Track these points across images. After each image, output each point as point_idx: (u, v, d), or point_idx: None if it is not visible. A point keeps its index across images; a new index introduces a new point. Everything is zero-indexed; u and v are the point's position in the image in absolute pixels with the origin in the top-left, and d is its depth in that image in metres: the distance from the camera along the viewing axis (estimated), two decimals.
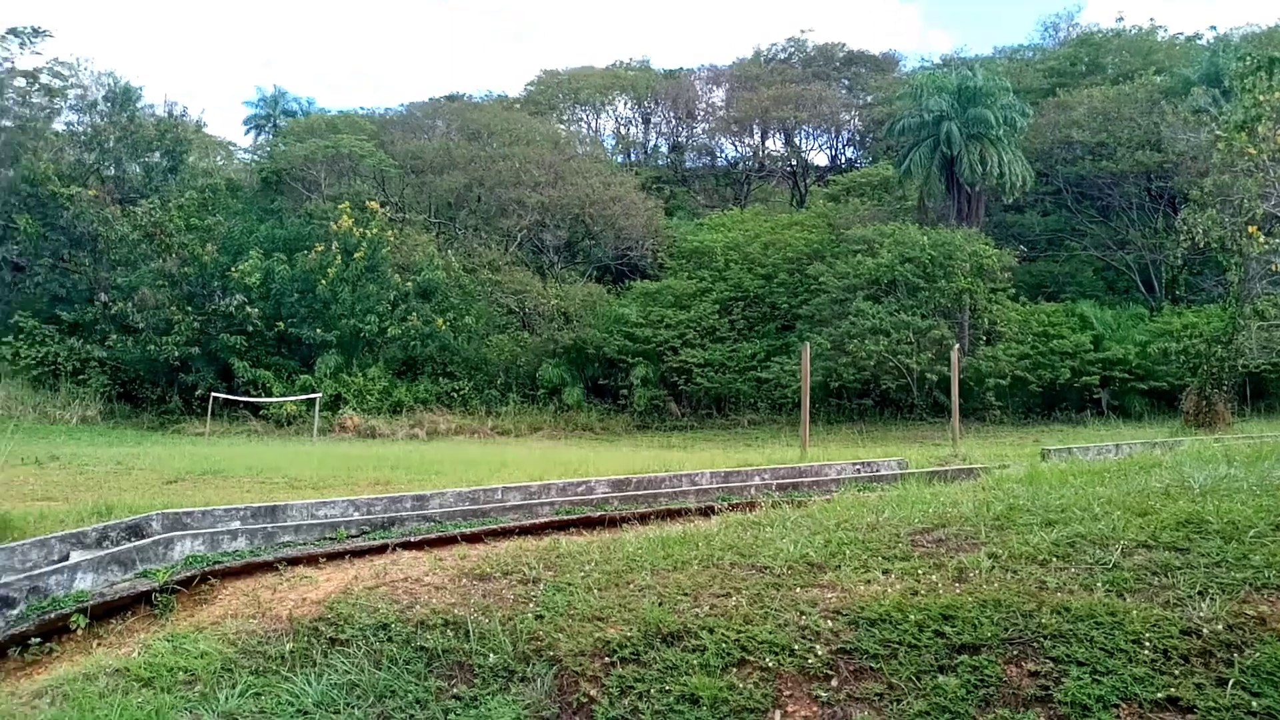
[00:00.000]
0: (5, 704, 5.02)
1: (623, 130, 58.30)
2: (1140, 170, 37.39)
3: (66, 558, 7.36)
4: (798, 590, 4.93)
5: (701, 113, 56.95)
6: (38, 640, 6.04)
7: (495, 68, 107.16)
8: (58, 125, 39.27)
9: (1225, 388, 24.69)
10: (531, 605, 5.32)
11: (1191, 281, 38.05)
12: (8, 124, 36.49)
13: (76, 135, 39.12)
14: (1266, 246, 22.13)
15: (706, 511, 8.93)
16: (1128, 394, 33.08)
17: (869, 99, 53.80)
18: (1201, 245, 24.38)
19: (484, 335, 38.68)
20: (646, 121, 58.14)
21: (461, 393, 36.96)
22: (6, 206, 34.46)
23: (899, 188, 42.09)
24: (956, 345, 20.96)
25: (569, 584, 5.54)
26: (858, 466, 12.68)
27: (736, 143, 56.07)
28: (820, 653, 4.23)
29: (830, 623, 4.45)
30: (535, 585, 5.67)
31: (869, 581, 4.88)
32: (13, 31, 36.10)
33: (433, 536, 7.50)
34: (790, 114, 50.59)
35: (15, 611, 6.20)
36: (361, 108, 55.97)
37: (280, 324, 34.05)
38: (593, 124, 58.04)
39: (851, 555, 5.39)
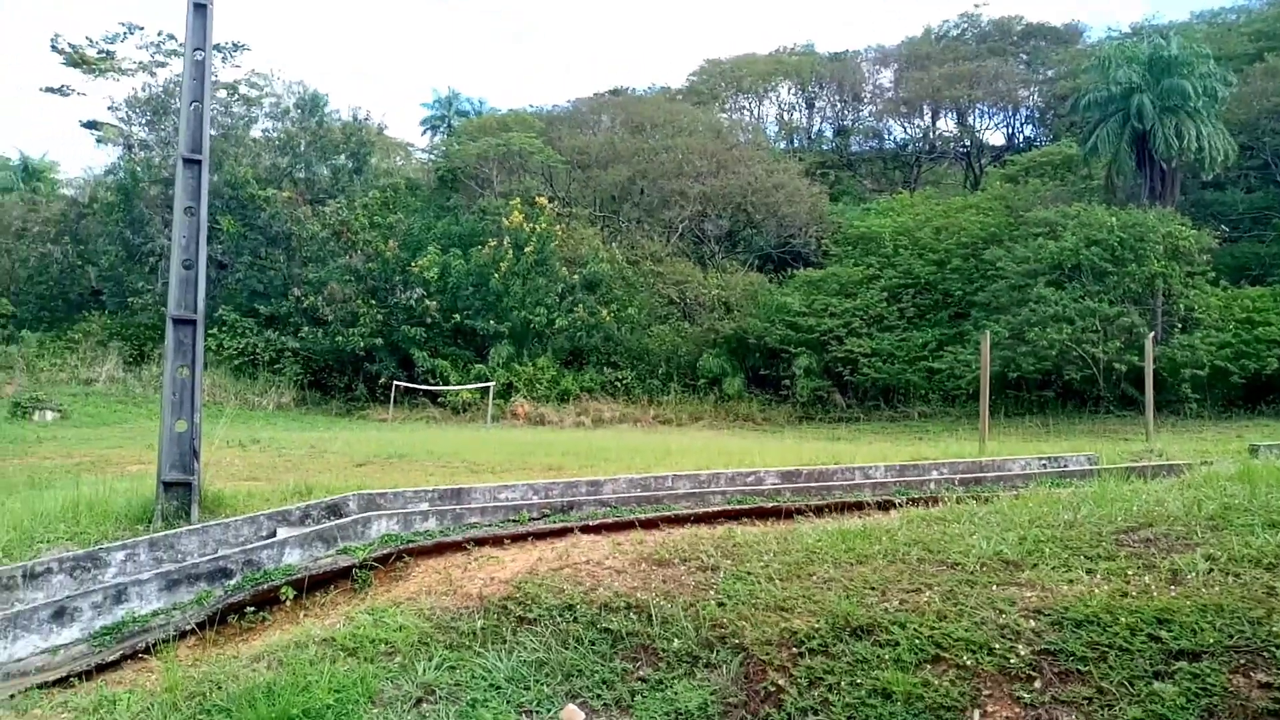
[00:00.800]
0: (230, 665, 5.43)
1: (785, 116, 57.49)
2: None
3: (274, 534, 7.90)
4: (994, 588, 4.70)
5: (868, 95, 55.41)
6: (252, 609, 6.51)
7: (658, 60, 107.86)
8: (255, 132, 42.36)
9: None
10: (712, 592, 5.31)
11: None
12: (214, 132, 39.69)
13: (271, 141, 42.04)
14: None
15: (884, 506, 8.68)
16: None
17: (1049, 73, 50.71)
18: None
19: (646, 326, 39.10)
20: (810, 106, 57.10)
21: (625, 382, 37.51)
22: (212, 209, 37.45)
23: (1083, 166, 39.50)
24: (1150, 334, 19.51)
25: (749, 573, 5.50)
26: (1044, 462, 12.04)
27: (905, 124, 54.30)
28: (1022, 652, 4.01)
29: (1031, 622, 4.21)
30: (714, 573, 5.66)
31: (1071, 581, 4.60)
32: (216, 47, 39.24)
33: (609, 521, 7.62)
34: (964, 93, 48.43)
35: (233, 582, 6.70)
36: (530, 106, 57.66)
37: (456, 316, 35.50)
38: (755, 111, 57.58)
39: (1050, 553, 5.10)
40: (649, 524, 7.55)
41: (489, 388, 32.85)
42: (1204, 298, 31.99)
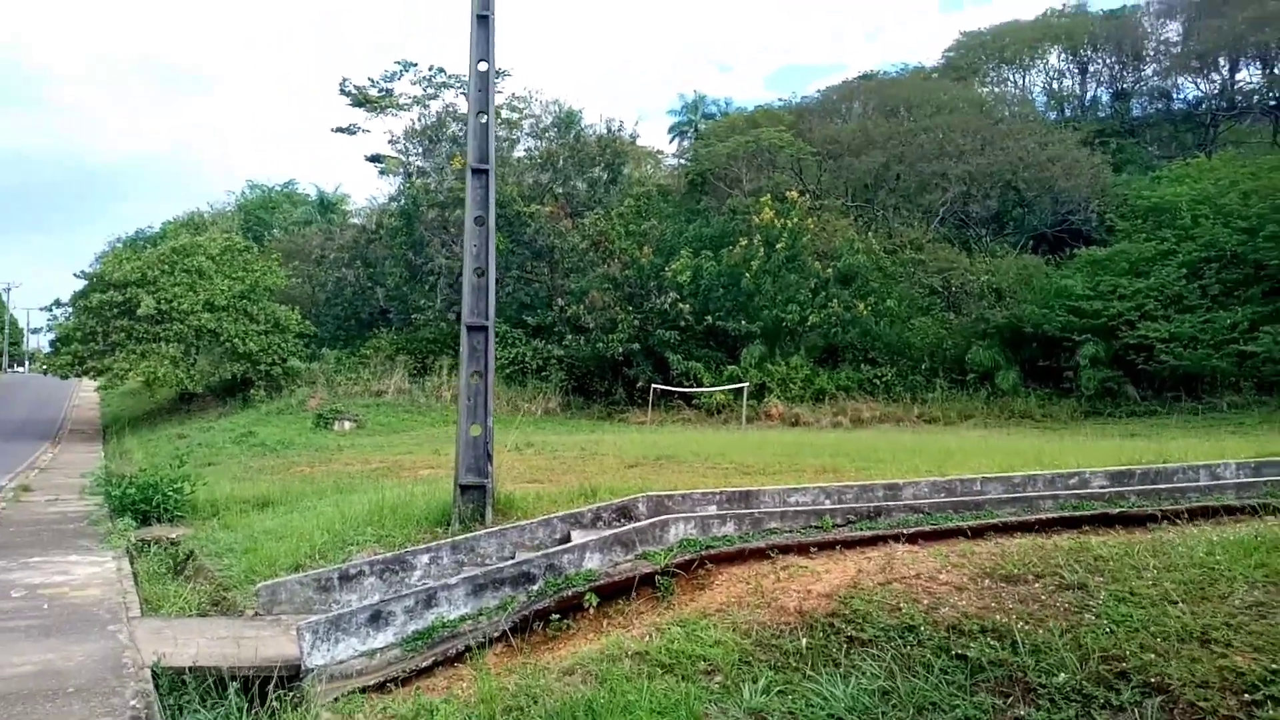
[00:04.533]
0: (541, 679, 5.20)
1: (1054, 85, 53.01)
2: None
3: (568, 536, 7.76)
4: None
5: (1152, 53, 49.90)
6: (557, 616, 6.32)
7: (911, 40, 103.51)
8: (518, 152, 44.60)
9: None
10: (1090, 616, 4.44)
11: None
12: None
13: (533, 159, 44.13)
14: None
15: (1254, 510, 7.27)
16: None
17: None
18: None
19: (906, 319, 37.26)
20: (1083, 72, 52.24)
21: (884, 379, 35.88)
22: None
23: None
24: None
25: (1133, 594, 4.58)
26: None
27: (1198, 81, 48.35)
28: None
29: None
30: (1083, 592, 4.77)
31: None
32: None
33: (927, 529, 6.84)
34: (1272, 38, 42.41)
35: (535, 587, 6.56)
36: (779, 99, 56.82)
37: (708, 318, 35.50)
38: (1020, 83, 53.53)
39: None
40: (976, 533, 6.68)
41: (743, 388, 32.49)
42: None
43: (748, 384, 33.05)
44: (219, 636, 6.80)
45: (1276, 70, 46.03)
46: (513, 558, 7.30)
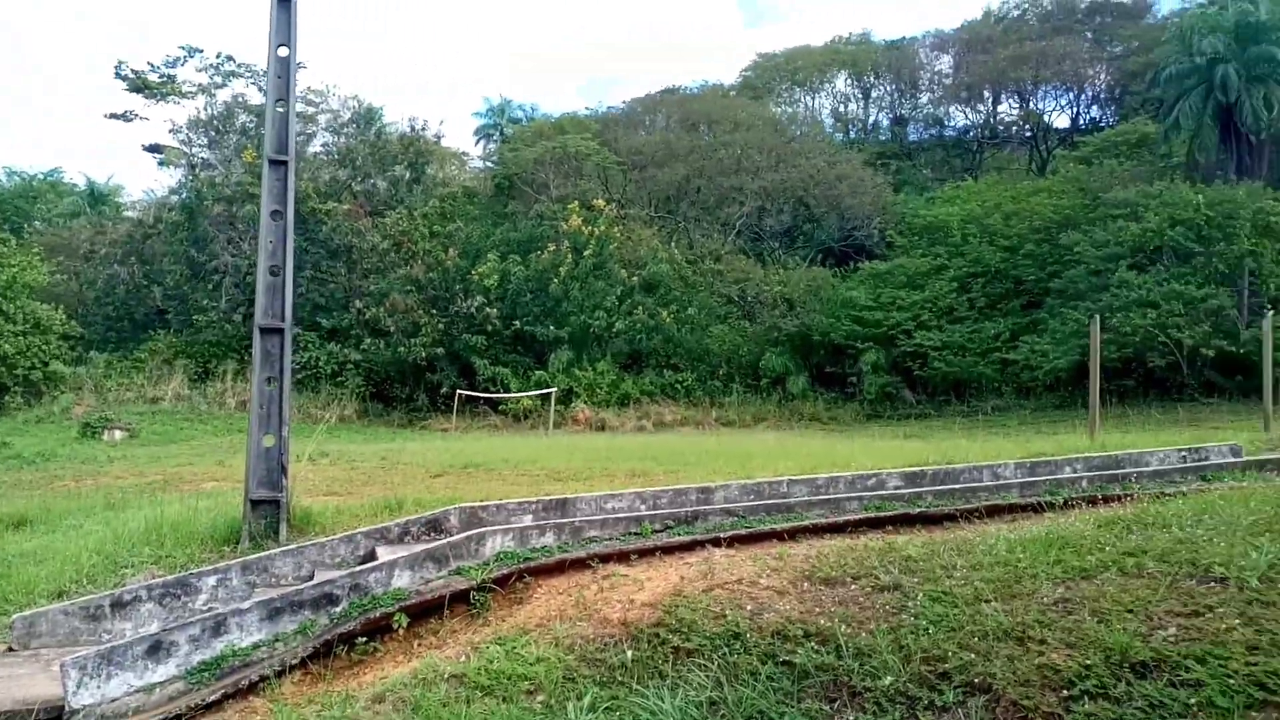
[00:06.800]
0: (346, 708, 4.81)
1: (841, 108, 56.37)
2: None
3: (373, 553, 7.32)
4: None
5: (926, 82, 54.05)
6: (363, 639, 5.90)
7: (711, 57, 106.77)
8: (314, 147, 42.40)
9: None
10: (909, 617, 4.54)
11: None
12: None
13: (331, 155, 42.09)
14: None
15: (1036, 507, 7.82)
16: None
17: (1118, 50, 48.89)
18: None
19: (706, 326, 38.40)
20: (866, 96, 55.86)
21: (685, 384, 36.83)
22: None
23: (1162, 144, 37.88)
24: (1270, 313, 18.22)
25: (948, 593, 4.72)
26: (1183, 454, 11.05)
27: (966, 110, 52.86)
28: None
29: None
30: (899, 593, 4.89)
31: None
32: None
33: (743, 533, 6.90)
34: (1027, 75, 46.92)
35: (339, 609, 6.11)
36: (585, 109, 57.17)
37: (516, 323, 35.15)
38: (809, 104, 56.46)
39: None
40: (788, 535, 6.80)
41: (550, 394, 32.37)
42: None
43: (555, 389, 32.96)
44: None
45: (1032, 105, 50.94)
46: (312, 578, 6.78)
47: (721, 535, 6.84)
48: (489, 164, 53.89)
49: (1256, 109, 31.35)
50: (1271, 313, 18.32)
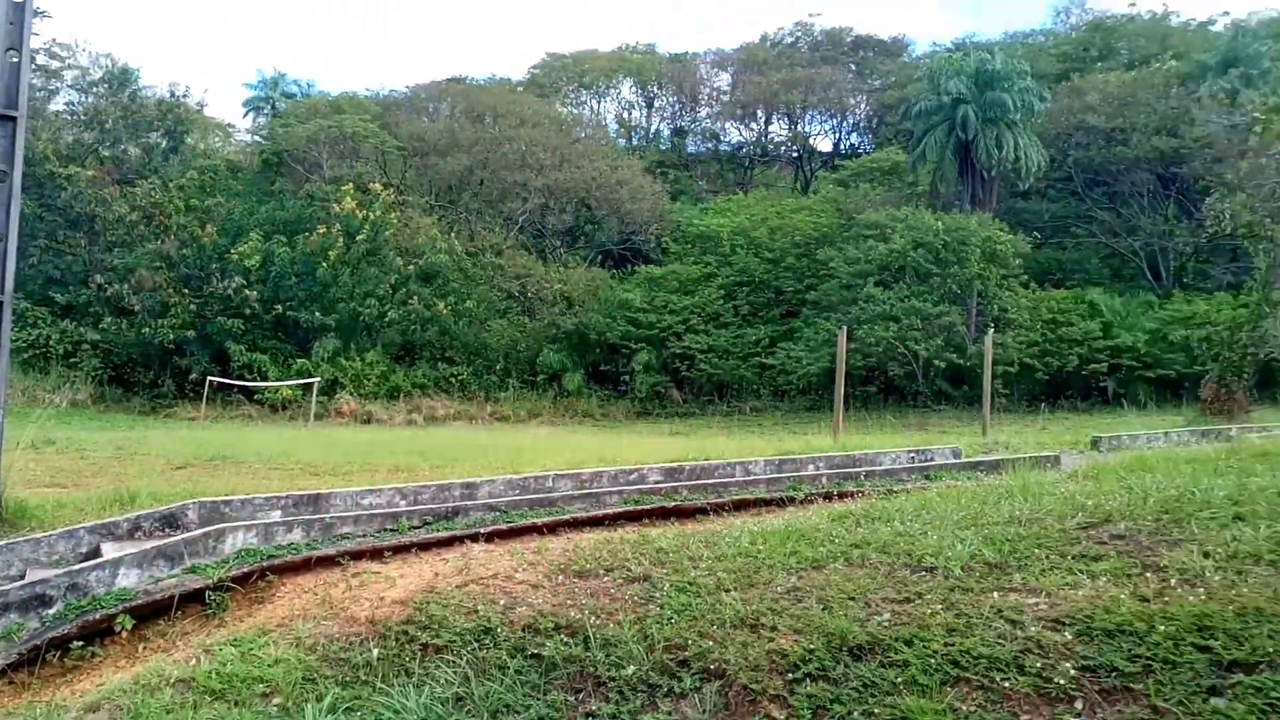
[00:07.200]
0: (55, 718, 4.37)
1: (625, 115, 57.54)
2: (1154, 156, 36.84)
3: (98, 551, 6.73)
4: (994, 595, 4.31)
5: (706, 97, 56.21)
6: (79, 644, 5.40)
7: (498, 51, 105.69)
8: (56, 105, 38.32)
9: (1245, 376, 24.20)
10: (655, 607, 4.70)
11: (1199, 269, 37.69)
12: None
13: (75, 115, 38.11)
14: None
15: (780, 502, 8.34)
16: (1134, 382, 32.71)
17: (877, 83, 53.06)
18: (1229, 231, 23.83)
19: (484, 320, 38.09)
20: (650, 105, 57.35)
21: (460, 378, 36.36)
22: None
23: (910, 173, 41.48)
24: (991, 330, 20.39)
25: (692, 584, 4.93)
26: (911, 454, 12.13)
27: (741, 128, 55.46)
28: (1061, 668, 3.61)
29: (1055, 634, 3.82)
30: (648, 584, 5.06)
31: (1074, 586, 4.26)
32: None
33: (503, 528, 6.90)
34: (797, 99, 49.90)
35: (52, 611, 5.57)
36: (366, 90, 54.85)
37: (278, 307, 33.36)
38: (595, 108, 57.21)
39: (1029, 554, 4.77)
40: (548, 529, 6.86)
41: (313, 384, 30.92)
42: (1016, 299, 34.16)
43: (318, 379, 31.49)
44: None
45: (800, 127, 54.25)
46: (23, 577, 6.11)
47: (481, 530, 6.81)
48: (258, 138, 50.76)
49: (989, 148, 35.02)
50: (993, 331, 20.50)
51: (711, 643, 4.19)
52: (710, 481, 9.57)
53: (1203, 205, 28.04)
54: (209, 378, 30.86)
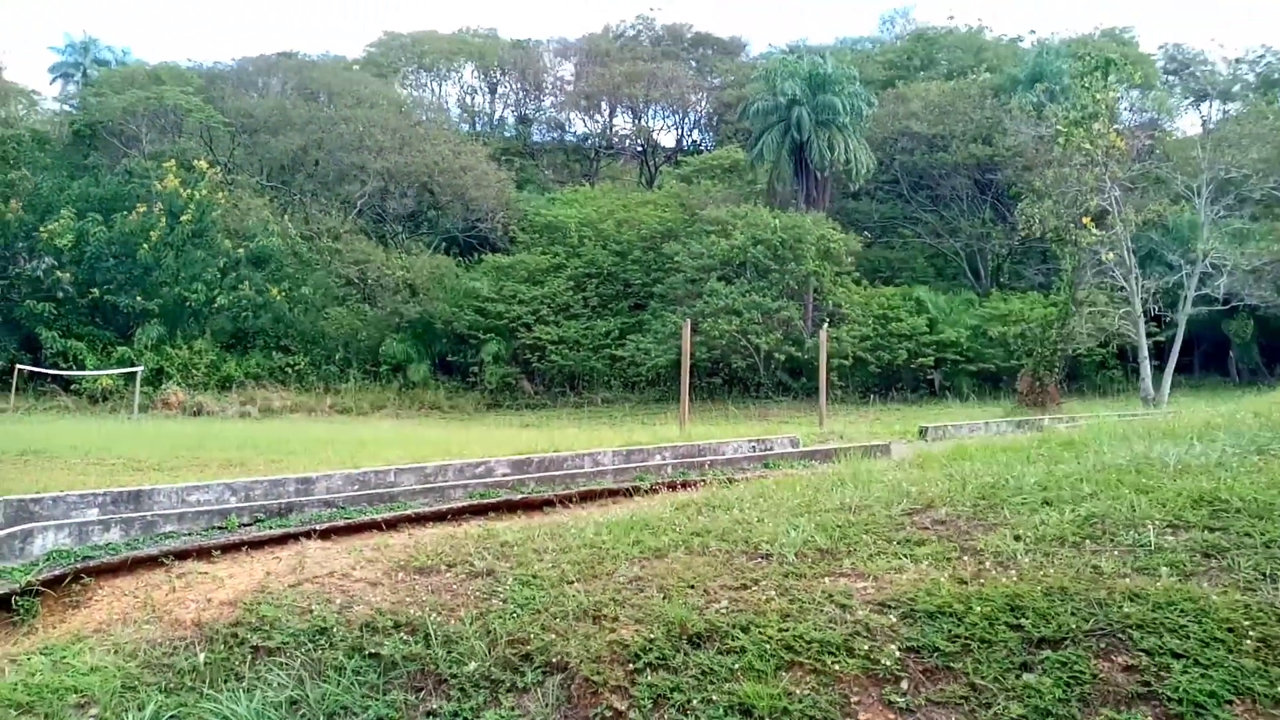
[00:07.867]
0: None
1: (468, 99, 56.41)
2: (972, 162, 39.32)
3: None
4: (825, 580, 4.53)
5: (550, 86, 55.82)
6: None
7: (332, 26, 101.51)
8: None
9: (1056, 370, 26.24)
10: (498, 602, 4.70)
11: (1014, 269, 40.52)
12: None
13: None
14: (1096, 238, 23.60)
15: (628, 492, 8.49)
16: (958, 375, 34.91)
17: (716, 81, 54.16)
18: (1038, 234, 25.66)
19: (322, 307, 36.75)
20: (493, 91, 56.40)
21: (297, 368, 35.00)
22: None
23: (749, 171, 42.62)
24: (826, 325, 21.32)
25: (536, 577, 4.95)
26: (753, 444, 12.56)
27: (585, 119, 55.39)
28: (887, 650, 3.83)
29: (882, 617, 4.06)
30: (492, 579, 5.05)
31: (899, 569, 4.54)
32: None
33: (341, 524, 6.74)
34: (640, 92, 50.31)
35: None
36: (189, 60, 51.58)
37: (95, 290, 31.16)
38: (436, 91, 55.85)
39: (859, 539, 5.05)
40: (389, 525, 6.72)
41: (136, 373, 29.06)
42: (849, 295, 35.80)
43: (142, 368, 29.61)
44: None
45: (644, 121, 54.75)
46: None
47: (317, 527, 6.64)
48: (68, 107, 46.95)
49: (822, 149, 36.42)
50: (827, 325, 21.45)
51: (554, 636, 4.24)
52: (559, 473, 9.63)
53: (1015, 210, 30.15)
54: (18, 366, 28.52)
